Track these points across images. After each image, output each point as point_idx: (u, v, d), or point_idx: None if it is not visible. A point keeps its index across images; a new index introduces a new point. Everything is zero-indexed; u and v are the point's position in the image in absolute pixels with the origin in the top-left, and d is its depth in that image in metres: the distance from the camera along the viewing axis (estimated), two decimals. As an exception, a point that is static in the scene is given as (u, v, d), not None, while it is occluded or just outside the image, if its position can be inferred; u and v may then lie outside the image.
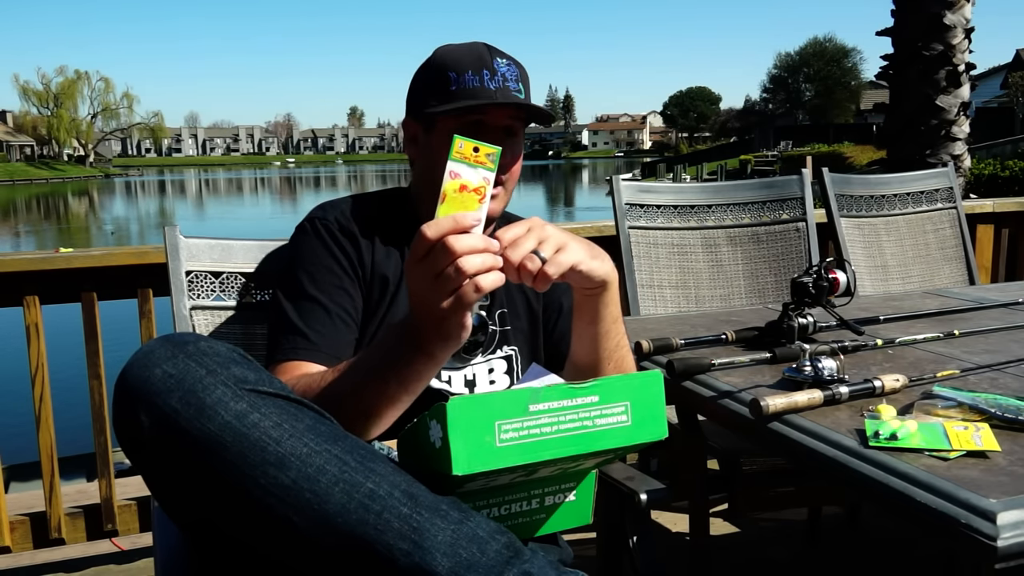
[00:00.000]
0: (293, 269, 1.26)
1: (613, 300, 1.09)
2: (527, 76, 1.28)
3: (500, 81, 1.22)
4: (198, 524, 0.90)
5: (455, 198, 0.89)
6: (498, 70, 1.22)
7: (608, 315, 1.09)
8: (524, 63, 1.30)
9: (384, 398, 1.02)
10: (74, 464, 3.41)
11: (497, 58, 1.24)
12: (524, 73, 1.27)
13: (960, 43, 5.42)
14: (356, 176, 79.60)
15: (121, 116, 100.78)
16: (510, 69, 1.24)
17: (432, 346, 0.96)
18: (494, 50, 1.25)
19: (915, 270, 2.53)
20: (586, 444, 0.87)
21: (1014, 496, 0.86)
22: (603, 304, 1.08)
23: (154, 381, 0.85)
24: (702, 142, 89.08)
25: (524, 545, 0.85)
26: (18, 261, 2.19)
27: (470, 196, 0.89)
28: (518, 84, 1.24)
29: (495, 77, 1.22)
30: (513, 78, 1.23)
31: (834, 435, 1.05)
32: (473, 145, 0.91)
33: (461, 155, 0.90)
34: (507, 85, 1.22)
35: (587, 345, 1.12)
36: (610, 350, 1.12)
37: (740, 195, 2.28)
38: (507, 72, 1.23)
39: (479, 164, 0.90)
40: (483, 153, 0.91)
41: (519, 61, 1.28)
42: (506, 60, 1.25)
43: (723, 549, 2.30)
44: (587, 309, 1.09)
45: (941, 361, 1.36)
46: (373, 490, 0.82)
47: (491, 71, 1.22)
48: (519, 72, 1.25)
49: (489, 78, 1.22)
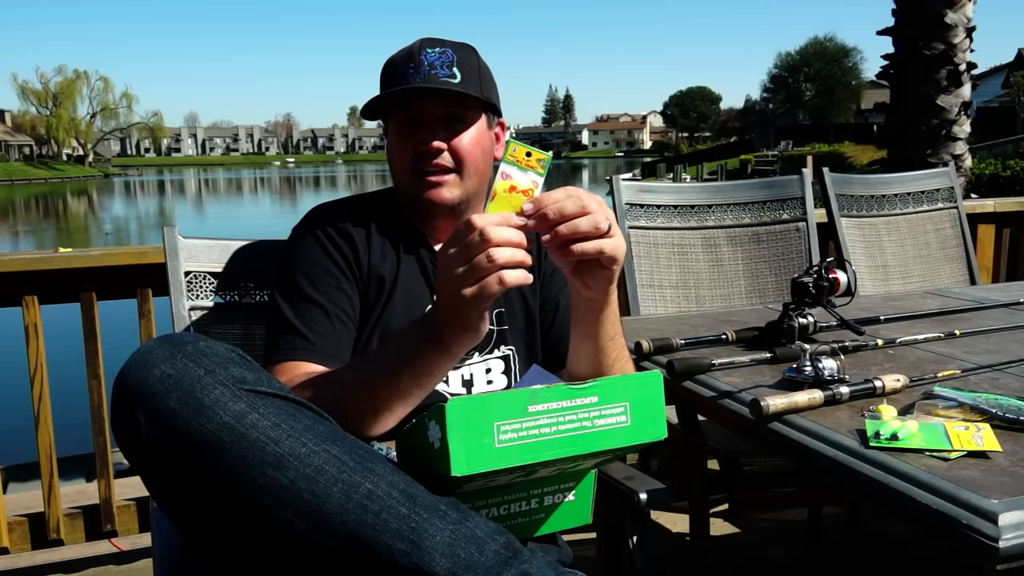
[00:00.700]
0: (290, 271, 1.26)
1: (610, 318, 1.08)
2: (471, 59, 1.27)
3: (425, 72, 1.22)
4: (196, 525, 0.90)
5: (504, 197, 0.95)
6: (424, 61, 1.22)
7: (605, 332, 1.09)
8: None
9: (395, 392, 1.03)
10: (73, 464, 3.40)
11: (427, 49, 1.24)
12: (466, 56, 1.26)
13: (961, 42, 5.41)
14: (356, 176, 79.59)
15: (120, 116, 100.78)
16: (442, 56, 1.23)
17: (449, 337, 0.97)
18: (430, 41, 1.25)
19: (916, 270, 2.53)
20: (585, 445, 0.87)
21: (1016, 497, 0.86)
22: (599, 321, 1.07)
23: (152, 381, 0.84)
24: (702, 142, 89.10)
25: (523, 545, 0.85)
26: (17, 261, 2.18)
27: (518, 197, 0.95)
28: (450, 70, 1.23)
29: (420, 69, 1.22)
30: (444, 64, 1.23)
31: (834, 435, 1.05)
32: (526, 150, 0.96)
33: (514, 158, 0.96)
34: (433, 73, 1.22)
35: (583, 358, 1.12)
36: (607, 365, 1.12)
37: (740, 195, 2.28)
38: (436, 60, 1.23)
39: (530, 168, 0.96)
40: (535, 158, 0.96)
41: (468, 45, 1.27)
42: (439, 49, 1.24)
43: (723, 549, 2.30)
44: (584, 320, 1.08)
45: (942, 361, 1.36)
46: (371, 490, 0.82)
47: (416, 63, 1.22)
48: (455, 57, 1.24)
49: (414, 71, 1.22)
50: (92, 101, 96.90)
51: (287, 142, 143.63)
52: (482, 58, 1.30)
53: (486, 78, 1.29)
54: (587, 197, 0.96)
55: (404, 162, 1.26)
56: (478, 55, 1.29)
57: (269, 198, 52.01)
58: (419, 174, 1.25)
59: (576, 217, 0.94)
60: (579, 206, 0.94)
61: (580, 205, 0.94)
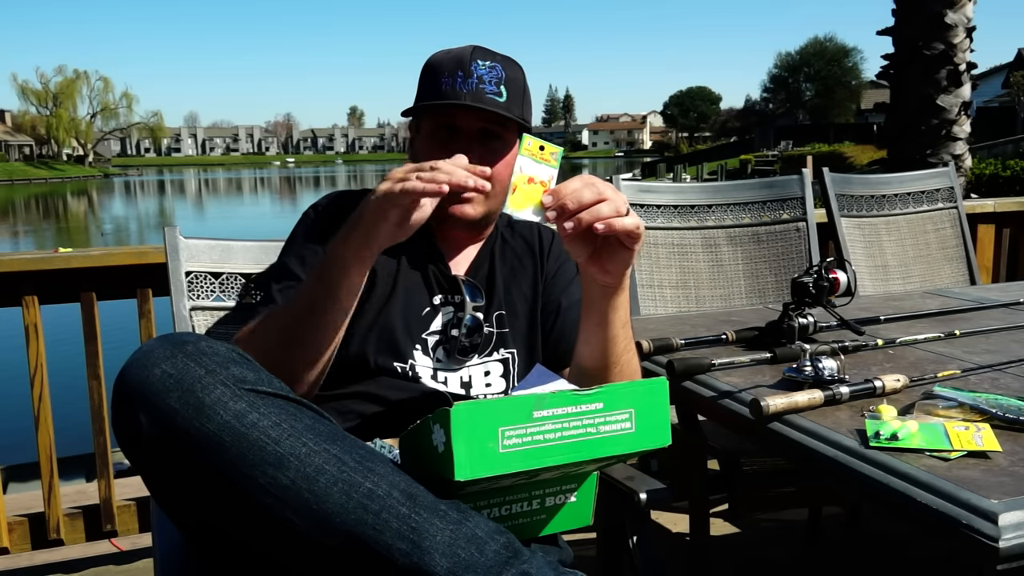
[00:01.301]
0: (288, 247, 1.30)
1: (623, 303, 1.10)
2: (518, 77, 1.26)
3: (473, 84, 1.21)
4: (197, 524, 0.90)
5: (524, 190, 0.99)
6: (474, 72, 1.22)
7: (617, 319, 1.10)
8: (523, 63, 1.28)
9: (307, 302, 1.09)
10: (73, 464, 3.39)
11: (478, 60, 1.23)
12: (514, 75, 1.25)
13: (961, 42, 5.41)
14: (356, 176, 79.61)
15: (120, 116, 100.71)
16: (492, 72, 1.23)
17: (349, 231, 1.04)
18: (480, 52, 1.24)
19: (916, 270, 2.53)
20: (589, 451, 0.87)
21: (1015, 497, 0.86)
22: (613, 307, 1.08)
23: (153, 381, 0.85)
24: (702, 142, 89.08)
25: (523, 545, 0.85)
26: (17, 261, 2.18)
27: (537, 188, 1.00)
28: (497, 87, 1.23)
29: (468, 80, 1.21)
30: (492, 81, 1.22)
31: (834, 435, 1.05)
32: (539, 144, 1.01)
33: (529, 152, 1.00)
34: (481, 88, 1.21)
35: (594, 348, 1.12)
36: (617, 354, 1.13)
37: (740, 195, 2.28)
38: (486, 75, 1.22)
39: (543, 161, 1.00)
40: (548, 152, 1.01)
41: (515, 62, 1.27)
42: (490, 63, 1.23)
43: (723, 549, 2.30)
44: (597, 309, 1.09)
45: (942, 361, 1.36)
46: (372, 490, 0.82)
47: (466, 73, 1.21)
48: (504, 75, 1.24)
49: (462, 81, 1.21)
50: (92, 101, 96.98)
51: (287, 142, 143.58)
52: (526, 78, 1.29)
53: (527, 99, 1.29)
54: (602, 184, 0.99)
55: None
56: (524, 74, 1.29)
57: (269, 198, 52.01)
58: None
59: (595, 204, 0.97)
60: (596, 193, 0.97)
61: (597, 192, 0.97)
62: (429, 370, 1.25)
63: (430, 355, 1.26)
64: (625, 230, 0.98)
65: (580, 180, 0.99)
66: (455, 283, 1.29)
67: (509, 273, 1.33)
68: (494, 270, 1.32)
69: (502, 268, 1.32)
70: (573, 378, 1.17)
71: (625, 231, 0.99)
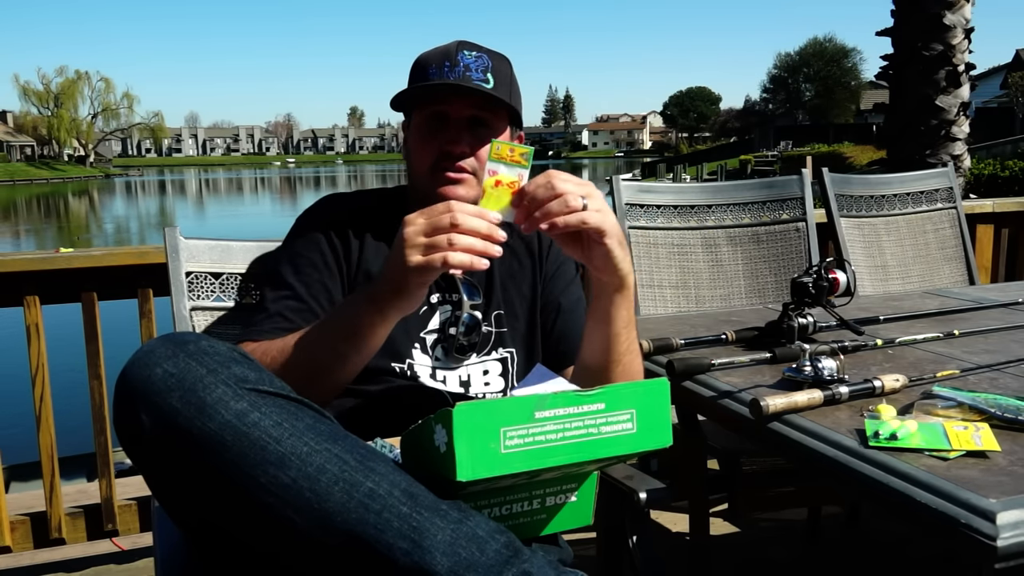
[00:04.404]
0: (282, 255, 1.31)
1: (627, 302, 1.10)
2: (505, 68, 1.28)
3: (460, 72, 1.23)
4: (198, 523, 0.90)
5: (492, 193, 1.00)
6: (461, 61, 1.23)
7: (620, 318, 1.10)
8: (523, 63, 1.31)
9: (330, 351, 1.09)
10: (74, 464, 3.40)
11: (464, 51, 1.24)
12: (500, 65, 1.27)
13: (960, 43, 5.41)
14: (356, 176, 79.60)
15: (121, 116, 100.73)
16: (478, 60, 1.24)
17: (383, 299, 1.02)
18: (466, 44, 1.26)
19: (915, 270, 2.53)
20: (591, 451, 0.87)
21: (1014, 496, 0.86)
22: (616, 306, 1.09)
23: (155, 380, 0.85)
24: (702, 142, 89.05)
25: (524, 545, 0.85)
26: (18, 261, 2.18)
27: (504, 190, 1.00)
28: (485, 75, 1.24)
29: (455, 69, 1.23)
30: (479, 68, 1.24)
31: (834, 435, 1.05)
32: (508, 146, 1.01)
33: (498, 155, 1.00)
34: (468, 75, 1.23)
35: (598, 346, 1.13)
36: (620, 353, 1.13)
37: (740, 195, 2.28)
38: (473, 63, 1.24)
39: (515, 163, 1.01)
40: (518, 153, 1.01)
41: (502, 55, 1.28)
42: (476, 52, 1.25)
43: (723, 549, 2.30)
44: (601, 307, 1.09)
45: (941, 361, 1.36)
46: (373, 489, 0.82)
47: (452, 62, 1.23)
48: (490, 63, 1.25)
49: (449, 69, 1.23)
50: (93, 101, 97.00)
51: (287, 142, 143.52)
52: (514, 72, 1.30)
53: (515, 89, 1.30)
54: (560, 181, 0.99)
55: (425, 159, 1.27)
56: (511, 67, 1.30)
57: (269, 198, 51.99)
58: (439, 171, 1.25)
59: (548, 201, 0.98)
60: (550, 190, 0.98)
61: (551, 190, 0.98)
62: (428, 369, 1.25)
63: (429, 354, 1.26)
64: (581, 224, 0.98)
65: (544, 177, 0.99)
66: (452, 281, 1.29)
67: (507, 273, 1.33)
68: (492, 269, 1.32)
69: (500, 268, 1.32)
70: (575, 376, 1.17)
71: (581, 224, 0.99)
